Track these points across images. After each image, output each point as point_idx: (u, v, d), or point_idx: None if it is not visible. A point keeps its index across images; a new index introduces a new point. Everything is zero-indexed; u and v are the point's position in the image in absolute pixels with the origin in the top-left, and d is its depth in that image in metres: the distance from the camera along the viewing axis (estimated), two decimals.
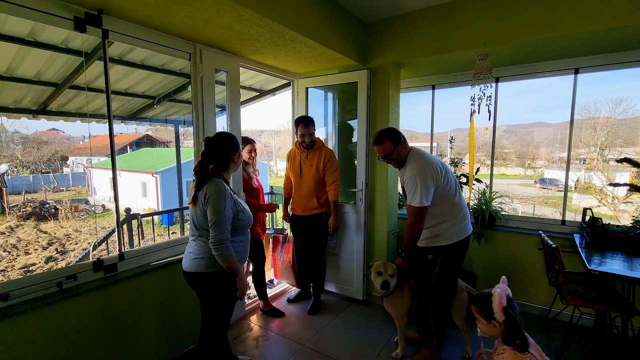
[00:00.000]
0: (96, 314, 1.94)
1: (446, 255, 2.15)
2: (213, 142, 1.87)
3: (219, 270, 1.80)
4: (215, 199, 1.71)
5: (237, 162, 1.94)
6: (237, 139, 2.01)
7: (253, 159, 2.97)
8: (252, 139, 2.98)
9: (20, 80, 2.80)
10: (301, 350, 2.54)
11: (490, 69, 2.60)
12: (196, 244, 1.85)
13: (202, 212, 1.76)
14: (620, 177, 7.48)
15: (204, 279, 1.83)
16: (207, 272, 1.81)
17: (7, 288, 1.66)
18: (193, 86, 2.47)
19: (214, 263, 1.79)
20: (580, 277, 2.60)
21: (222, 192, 1.74)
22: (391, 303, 2.37)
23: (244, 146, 2.87)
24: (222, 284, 1.84)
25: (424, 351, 2.33)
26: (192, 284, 1.90)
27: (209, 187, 1.74)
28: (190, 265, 1.84)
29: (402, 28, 2.96)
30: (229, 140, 1.90)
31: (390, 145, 2.15)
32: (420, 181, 2.03)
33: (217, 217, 1.71)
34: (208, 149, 1.85)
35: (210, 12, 1.95)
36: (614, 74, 2.81)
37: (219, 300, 1.89)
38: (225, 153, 1.86)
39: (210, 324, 1.94)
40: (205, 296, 1.90)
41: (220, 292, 1.86)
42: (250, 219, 2.01)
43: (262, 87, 4.19)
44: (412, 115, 4.54)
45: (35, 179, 18.22)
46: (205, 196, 1.73)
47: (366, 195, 3.21)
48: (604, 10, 2.18)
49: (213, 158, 1.85)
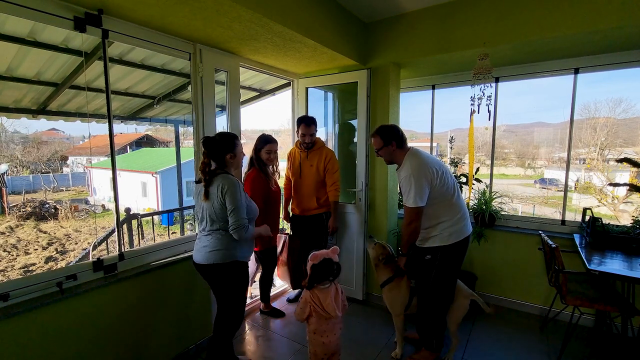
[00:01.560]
0: (96, 314, 1.94)
1: (444, 256, 2.15)
2: (207, 143, 1.97)
3: (234, 261, 1.97)
4: (232, 190, 1.88)
5: (233, 162, 2.02)
6: (235, 140, 2.03)
7: (272, 161, 2.79)
8: (272, 138, 2.78)
9: (20, 80, 2.80)
10: (301, 350, 2.54)
11: (490, 68, 2.60)
12: (212, 237, 1.96)
13: (220, 204, 1.89)
14: (620, 177, 7.48)
15: (219, 270, 1.96)
16: (224, 262, 1.95)
17: (7, 288, 1.66)
18: (193, 86, 2.47)
19: (230, 254, 1.95)
20: (580, 277, 2.60)
21: (235, 184, 1.91)
22: (390, 293, 2.38)
23: (262, 146, 2.73)
24: (236, 273, 2.00)
25: (424, 351, 2.33)
26: (207, 276, 2.03)
27: (224, 181, 1.89)
28: (206, 257, 1.95)
29: (402, 28, 2.96)
30: (222, 141, 1.99)
31: (379, 142, 2.22)
32: (415, 182, 2.05)
33: (236, 205, 1.88)
34: (205, 148, 1.97)
35: (210, 12, 1.95)
36: (614, 74, 2.82)
37: (234, 288, 2.03)
38: (218, 153, 1.97)
39: (225, 313, 2.05)
40: (221, 286, 2.03)
41: (235, 281, 2.02)
42: (256, 211, 2.12)
43: (262, 87, 4.19)
44: (412, 115, 4.55)
45: (35, 179, 18.20)
46: (221, 189, 1.88)
47: (366, 195, 3.21)
48: (604, 10, 2.18)
49: (211, 157, 1.97)
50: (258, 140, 2.79)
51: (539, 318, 2.96)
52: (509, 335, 2.71)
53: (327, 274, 1.92)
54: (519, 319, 2.98)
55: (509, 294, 3.17)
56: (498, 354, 2.48)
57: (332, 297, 1.91)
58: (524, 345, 2.58)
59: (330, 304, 1.88)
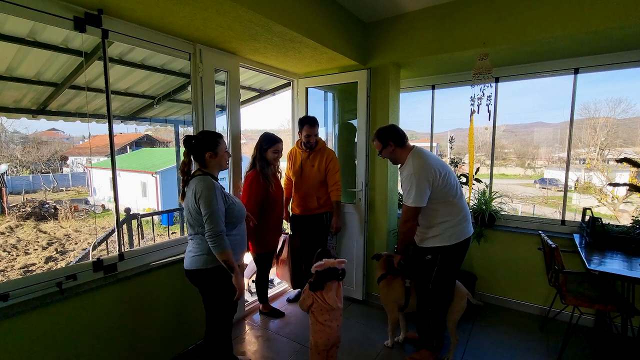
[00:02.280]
0: (96, 314, 1.94)
1: (445, 256, 2.15)
2: (186, 141, 1.91)
3: (218, 265, 1.84)
4: (206, 194, 1.77)
5: (213, 161, 1.91)
6: (217, 138, 1.94)
7: (278, 161, 2.72)
8: (278, 138, 2.69)
9: (20, 80, 2.79)
10: (301, 350, 2.54)
11: (490, 69, 2.60)
12: (194, 242, 1.90)
13: (194, 209, 1.80)
14: (620, 177, 7.47)
15: (204, 275, 1.88)
16: (207, 268, 1.86)
17: (7, 288, 1.66)
18: (193, 86, 2.47)
19: (213, 259, 1.83)
20: (580, 277, 2.60)
21: (210, 187, 1.79)
22: (382, 290, 2.47)
23: (269, 146, 2.65)
24: (222, 279, 1.89)
25: (423, 351, 2.33)
26: (194, 282, 1.96)
27: (197, 185, 1.79)
28: (190, 263, 1.89)
29: (402, 28, 2.96)
30: (203, 139, 1.90)
31: (379, 145, 2.28)
32: (416, 182, 2.06)
33: (210, 210, 1.76)
34: (184, 146, 1.90)
35: (210, 12, 1.95)
36: (614, 74, 2.82)
37: (220, 295, 1.94)
38: (197, 151, 1.89)
39: (213, 319, 1.98)
40: (207, 292, 1.95)
41: (220, 287, 1.91)
42: (243, 211, 2.03)
43: (262, 87, 4.19)
44: (412, 115, 4.55)
45: (35, 179, 18.18)
46: (195, 193, 1.78)
47: (366, 195, 3.21)
48: (604, 10, 2.18)
49: (191, 155, 1.90)
50: (263, 139, 2.69)
51: (539, 318, 2.96)
52: (509, 335, 2.71)
53: (331, 278, 1.97)
54: (519, 318, 2.98)
55: (509, 294, 3.17)
56: (498, 354, 2.48)
57: (334, 290, 1.96)
58: (524, 345, 2.58)
59: (332, 297, 1.94)
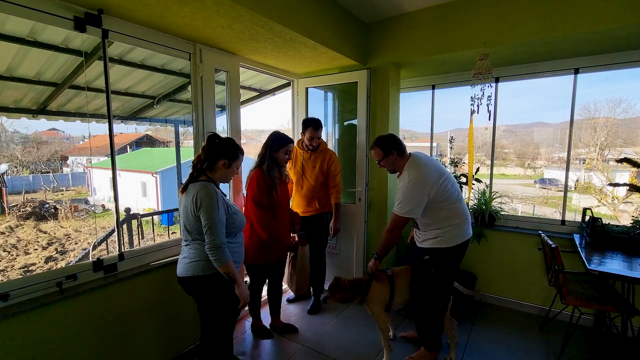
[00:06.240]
0: (96, 314, 1.94)
1: (443, 258, 2.15)
2: (211, 138, 1.86)
3: (217, 272, 1.76)
4: (207, 203, 1.69)
5: (222, 171, 1.85)
6: (237, 152, 1.90)
7: (287, 162, 2.60)
8: (291, 138, 2.54)
9: (20, 80, 2.79)
10: (301, 350, 2.54)
11: (490, 69, 2.60)
12: (191, 248, 1.81)
13: (194, 217, 1.72)
14: (620, 177, 7.46)
15: (201, 282, 1.79)
16: (205, 274, 1.77)
17: (7, 288, 1.66)
18: (193, 86, 2.47)
19: (211, 265, 1.75)
20: (580, 277, 2.60)
21: (212, 196, 1.71)
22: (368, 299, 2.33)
23: (281, 146, 2.47)
24: (221, 286, 1.80)
25: (423, 351, 2.33)
26: (189, 290, 1.86)
27: (199, 192, 1.71)
28: (186, 269, 1.79)
29: (402, 28, 2.96)
30: (225, 145, 1.86)
31: (380, 153, 2.21)
32: (410, 194, 2.05)
33: (212, 222, 1.69)
34: (207, 143, 1.85)
35: (210, 12, 1.95)
36: (614, 74, 2.81)
37: (219, 304, 1.84)
38: (215, 153, 1.83)
39: (211, 329, 1.89)
40: (204, 301, 1.86)
41: (219, 295, 1.82)
42: (243, 221, 1.96)
43: (262, 87, 4.19)
44: (412, 115, 4.55)
45: (35, 178, 18.18)
46: (196, 201, 1.70)
47: (366, 195, 3.21)
48: (604, 10, 2.18)
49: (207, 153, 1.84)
50: (275, 138, 2.50)
51: (539, 318, 2.96)
52: (509, 335, 2.71)
53: None
54: (519, 318, 2.98)
55: (509, 294, 3.17)
56: (498, 354, 2.48)
57: None
58: (524, 345, 2.58)
59: None
